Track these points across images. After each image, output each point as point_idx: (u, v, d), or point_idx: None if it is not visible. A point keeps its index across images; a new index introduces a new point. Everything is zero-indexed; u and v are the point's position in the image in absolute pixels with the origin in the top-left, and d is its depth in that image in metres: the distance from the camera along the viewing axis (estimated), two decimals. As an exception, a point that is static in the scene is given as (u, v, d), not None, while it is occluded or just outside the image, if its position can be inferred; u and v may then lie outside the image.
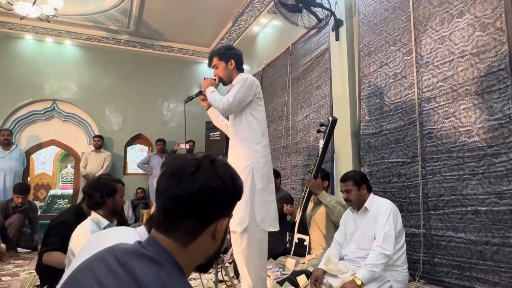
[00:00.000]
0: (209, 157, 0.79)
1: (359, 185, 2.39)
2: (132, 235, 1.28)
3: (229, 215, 0.80)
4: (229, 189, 0.77)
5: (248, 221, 2.07)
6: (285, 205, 3.33)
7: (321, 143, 3.02)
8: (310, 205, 3.33)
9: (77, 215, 2.37)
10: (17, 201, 4.42)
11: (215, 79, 2.33)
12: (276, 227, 2.19)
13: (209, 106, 2.44)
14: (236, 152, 2.23)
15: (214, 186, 0.74)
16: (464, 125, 2.58)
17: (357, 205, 2.40)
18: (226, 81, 2.33)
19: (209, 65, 2.39)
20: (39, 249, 3.77)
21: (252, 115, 2.25)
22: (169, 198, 0.73)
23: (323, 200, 3.01)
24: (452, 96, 2.68)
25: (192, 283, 2.70)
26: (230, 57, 2.31)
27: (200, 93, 2.37)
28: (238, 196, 0.81)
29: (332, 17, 3.91)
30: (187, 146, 6.47)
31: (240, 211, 2.10)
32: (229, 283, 1.72)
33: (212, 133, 6.49)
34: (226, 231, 0.81)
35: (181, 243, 0.72)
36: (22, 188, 4.48)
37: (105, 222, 1.99)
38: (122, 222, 2.31)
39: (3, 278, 3.08)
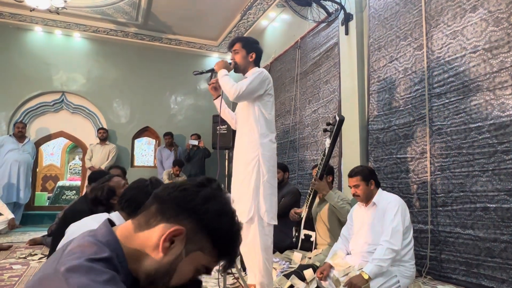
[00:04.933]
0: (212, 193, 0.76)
1: (367, 180, 2.38)
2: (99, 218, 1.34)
3: (191, 232, 0.70)
4: (210, 212, 0.71)
5: (253, 212, 2.10)
6: (292, 212, 3.32)
7: (328, 142, 2.99)
8: (316, 201, 3.33)
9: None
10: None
11: (230, 63, 2.33)
12: (275, 221, 2.21)
13: (217, 96, 2.42)
14: (244, 143, 2.25)
15: (199, 194, 0.72)
16: (475, 121, 2.55)
17: (365, 200, 2.39)
18: (240, 69, 2.34)
19: (230, 47, 2.38)
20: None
21: (261, 109, 2.27)
22: (157, 191, 0.76)
23: (330, 201, 3.01)
24: (463, 92, 2.66)
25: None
26: (253, 49, 2.35)
27: (212, 71, 2.33)
28: (213, 231, 0.71)
29: (342, 11, 3.88)
30: (197, 143, 6.48)
31: (245, 201, 2.12)
32: (237, 275, 1.73)
33: (219, 127, 6.48)
34: (178, 254, 0.70)
35: (137, 225, 0.73)
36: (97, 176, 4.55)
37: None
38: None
39: (14, 267, 3.14)
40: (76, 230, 1.50)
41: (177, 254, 0.70)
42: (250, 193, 2.13)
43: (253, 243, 2.13)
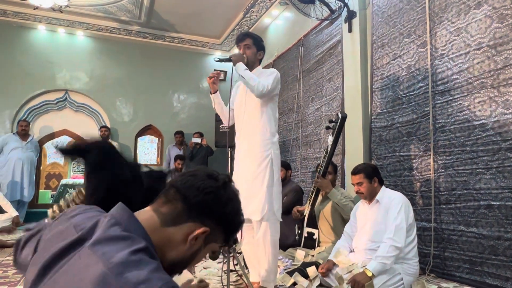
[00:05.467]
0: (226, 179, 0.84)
1: (371, 177, 2.38)
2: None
3: (213, 233, 0.81)
4: (229, 214, 0.82)
5: (267, 210, 2.14)
6: (295, 210, 3.32)
7: (330, 139, 2.98)
8: (319, 198, 3.33)
9: None
10: None
11: (244, 56, 2.35)
12: (281, 218, 2.29)
13: (216, 90, 2.44)
14: (256, 141, 2.28)
15: (222, 197, 0.81)
16: (479, 118, 2.54)
17: (369, 197, 2.39)
18: (249, 65, 2.36)
19: (240, 41, 2.39)
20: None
21: (271, 109, 2.35)
22: (175, 184, 0.81)
23: (333, 198, 3.01)
24: (467, 89, 2.64)
25: (203, 272, 2.73)
26: (261, 48, 2.43)
27: (229, 60, 2.33)
28: (229, 228, 0.84)
29: (345, 8, 3.86)
30: (200, 141, 6.48)
31: (259, 199, 2.16)
32: (240, 272, 1.73)
33: (221, 125, 6.48)
34: (200, 250, 0.81)
35: (162, 220, 0.78)
36: None
37: None
38: None
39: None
40: None
41: (199, 247, 0.81)
42: (264, 191, 2.17)
43: (264, 240, 2.18)
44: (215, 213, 0.80)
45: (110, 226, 0.69)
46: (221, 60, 2.36)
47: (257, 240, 2.18)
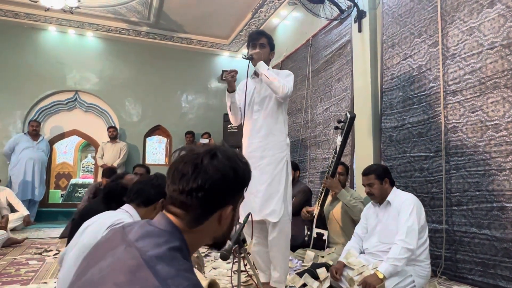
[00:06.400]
0: (210, 152, 0.81)
1: (382, 178, 2.36)
2: (120, 214, 1.57)
3: (235, 202, 0.84)
4: (230, 181, 0.80)
5: (283, 211, 2.15)
6: (304, 211, 3.31)
7: (339, 139, 2.97)
8: (328, 199, 3.31)
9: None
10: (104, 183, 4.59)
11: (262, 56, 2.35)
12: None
13: (234, 89, 2.40)
14: (272, 143, 2.28)
15: (214, 181, 0.78)
16: (492, 119, 2.51)
17: (380, 199, 2.37)
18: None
19: (255, 39, 2.37)
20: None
21: (285, 110, 2.37)
22: (175, 190, 0.79)
23: (342, 199, 2.99)
24: (480, 89, 2.61)
25: (213, 272, 2.74)
26: (273, 49, 2.44)
27: (251, 59, 2.32)
28: (242, 185, 0.85)
29: (355, 8, 3.84)
30: (208, 141, 6.50)
31: (276, 200, 2.16)
32: (250, 272, 1.73)
33: (230, 125, 6.49)
34: (234, 217, 0.85)
35: (187, 225, 0.78)
36: (109, 172, 4.63)
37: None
38: None
39: (30, 262, 3.19)
40: (92, 226, 1.53)
41: (232, 214, 0.84)
42: (281, 193, 2.18)
43: (278, 240, 2.18)
44: (228, 192, 0.81)
45: (147, 225, 0.76)
46: (245, 57, 2.33)
47: (271, 241, 2.18)
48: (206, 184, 0.77)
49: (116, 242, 0.74)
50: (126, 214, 1.62)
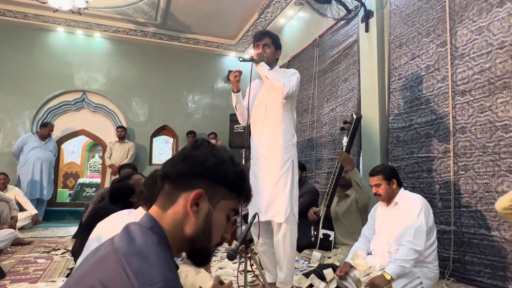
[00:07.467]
0: (199, 142, 0.84)
1: (389, 179, 2.34)
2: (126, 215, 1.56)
3: (212, 195, 0.79)
4: (206, 163, 0.79)
5: (289, 211, 2.14)
6: (311, 212, 3.29)
7: (345, 140, 2.94)
8: (335, 199, 3.29)
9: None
10: None
11: (264, 56, 2.33)
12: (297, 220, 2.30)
13: (239, 89, 2.40)
14: (279, 143, 2.27)
15: (189, 155, 0.80)
16: (501, 119, 2.48)
17: (387, 199, 2.35)
18: (267, 63, 2.34)
19: (259, 40, 2.37)
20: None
21: (291, 110, 2.36)
22: (161, 172, 0.83)
23: (354, 177, 2.94)
24: (489, 89, 2.58)
25: (219, 272, 2.74)
26: (279, 48, 2.42)
27: (252, 60, 2.31)
28: (223, 179, 0.80)
29: (362, 8, 3.82)
30: (214, 142, 6.51)
31: (282, 201, 2.16)
32: (257, 272, 1.73)
33: (236, 125, 6.50)
34: (210, 216, 0.79)
35: (161, 207, 0.79)
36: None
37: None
38: None
39: (38, 261, 3.23)
40: (105, 227, 1.53)
41: (207, 210, 0.78)
42: (287, 193, 2.17)
43: (284, 241, 2.18)
44: (199, 173, 0.78)
45: (131, 224, 0.77)
46: (245, 60, 2.33)
47: (276, 242, 2.18)
48: (181, 157, 0.80)
49: (104, 244, 0.75)
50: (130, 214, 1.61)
